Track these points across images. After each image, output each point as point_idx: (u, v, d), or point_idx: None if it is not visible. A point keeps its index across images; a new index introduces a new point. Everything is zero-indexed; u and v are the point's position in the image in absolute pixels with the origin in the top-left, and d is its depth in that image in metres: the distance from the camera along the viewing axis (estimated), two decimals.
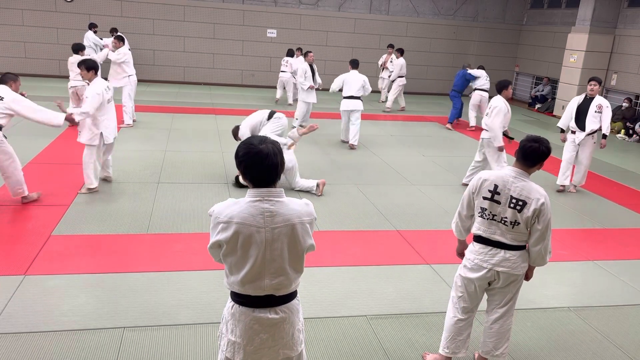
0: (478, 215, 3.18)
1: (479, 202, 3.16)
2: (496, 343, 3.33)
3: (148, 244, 4.98)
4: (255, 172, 2.20)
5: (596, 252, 5.50)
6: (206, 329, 3.67)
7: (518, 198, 3.04)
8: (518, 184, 3.07)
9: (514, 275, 3.15)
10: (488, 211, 3.12)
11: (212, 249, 2.28)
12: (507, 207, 3.06)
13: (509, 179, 3.09)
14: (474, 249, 3.23)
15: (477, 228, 3.20)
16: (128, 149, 8.16)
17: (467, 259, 3.26)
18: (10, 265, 4.35)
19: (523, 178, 3.09)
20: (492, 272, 3.14)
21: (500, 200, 3.08)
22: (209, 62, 15.71)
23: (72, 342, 3.43)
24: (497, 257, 3.12)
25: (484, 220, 3.15)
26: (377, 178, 7.60)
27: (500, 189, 3.09)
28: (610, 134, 12.62)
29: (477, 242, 3.21)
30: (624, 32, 13.24)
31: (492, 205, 3.10)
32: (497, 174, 3.15)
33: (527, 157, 3.09)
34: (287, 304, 2.33)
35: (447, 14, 16.92)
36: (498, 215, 3.09)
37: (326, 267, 4.71)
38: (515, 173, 3.10)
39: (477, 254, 3.19)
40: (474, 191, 3.19)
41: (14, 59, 14.31)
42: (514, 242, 3.09)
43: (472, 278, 3.20)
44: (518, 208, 3.03)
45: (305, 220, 2.27)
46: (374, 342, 3.67)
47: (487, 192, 3.12)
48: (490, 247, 3.14)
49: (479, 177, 3.19)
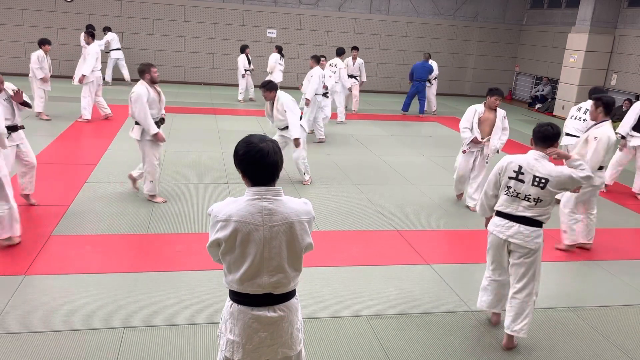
0: (504, 193, 3.64)
1: (505, 182, 3.62)
2: (514, 317, 3.62)
3: (148, 244, 4.98)
4: (255, 170, 2.20)
5: (596, 252, 5.49)
6: (206, 329, 3.67)
7: (541, 177, 3.49)
8: (540, 164, 3.52)
9: (527, 249, 3.53)
10: (512, 189, 3.56)
11: (210, 247, 2.28)
12: (530, 186, 3.50)
13: (532, 161, 3.55)
14: (495, 221, 3.70)
15: (500, 204, 3.66)
16: (128, 149, 8.16)
17: (489, 229, 3.77)
18: (10, 265, 4.35)
19: (543, 159, 3.55)
20: (507, 243, 3.60)
21: (524, 180, 3.52)
22: (209, 62, 15.71)
23: (72, 342, 3.43)
24: (512, 230, 3.55)
25: (508, 197, 3.59)
26: (377, 178, 7.60)
27: (524, 169, 3.54)
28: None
29: (498, 216, 3.68)
30: (624, 32, 13.24)
31: (517, 184, 3.54)
32: (521, 157, 3.61)
33: (545, 139, 3.57)
34: (285, 302, 2.33)
35: (447, 14, 16.92)
36: (522, 193, 3.53)
37: (326, 267, 4.71)
38: (537, 155, 3.56)
39: (495, 225, 3.67)
40: (501, 172, 3.65)
41: (14, 59, 14.30)
42: (536, 217, 3.52)
43: (494, 245, 3.70)
44: (542, 185, 3.48)
45: (304, 219, 2.27)
46: (374, 342, 3.67)
47: (512, 172, 3.58)
48: (507, 220, 3.58)
49: (505, 159, 3.66)
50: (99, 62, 9.96)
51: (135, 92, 5.58)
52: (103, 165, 7.23)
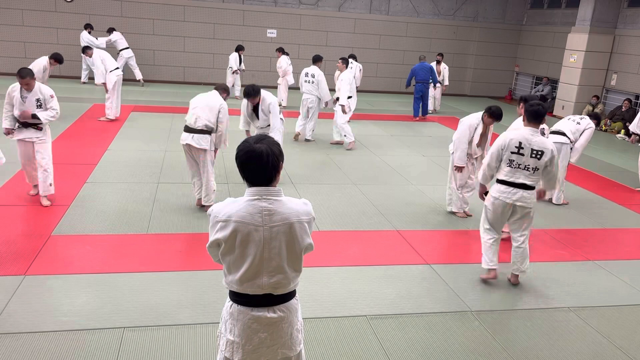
0: (506, 165, 4.28)
1: (508, 156, 4.26)
2: (522, 261, 4.50)
3: (148, 244, 4.98)
4: (250, 171, 2.20)
5: (596, 252, 5.50)
6: (206, 329, 3.67)
7: (537, 149, 4.18)
8: (536, 139, 4.20)
9: (528, 209, 4.33)
10: (515, 162, 4.25)
11: (210, 247, 2.28)
12: (529, 157, 4.20)
13: (529, 137, 4.21)
14: (499, 188, 4.35)
15: (504, 174, 4.31)
16: (128, 148, 8.17)
17: (493, 195, 4.39)
18: (10, 265, 4.35)
19: (537, 134, 4.22)
20: (512, 206, 4.31)
21: (524, 153, 4.21)
22: (209, 62, 15.71)
23: (72, 342, 3.43)
24: (517, 195, 4.28)
25: (511, 168, 4.27)
26: (377, 178, 7.60)
27: (523, 144, 4.20)
28: (610, 134, 12.63)
29: (502, 184, 4.33)
30: (624, 32, 13.24)
31: (519, 157, 4.23)
32: (519, 134, 4.24)
33: (537, 116, 4.21)
34: (285, 303, 2.33)
35: (447, 14, 16.92)
36: (522, 164, 4.23)
37: (326, 267, 4.71)
38: (532, 131, 4.22)
39: (501, 192, 4.33)
40: (504, 148, 4.28)
41: (14, 59, 14.29)
42: (532, 183, 4.27)
43: (499, 207, 4.36)
44: (538, 157, 4.19)
45: (304, 220, 2.27)
46: (374, 342, 3.67)
47: (514, 148, 4.23)
48: (512, 187, 4.28)
49: (506, 136, 4.28)
50: (112, 62, 9.90)
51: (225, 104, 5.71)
52: (103, 165, 7.23)
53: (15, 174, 6.51)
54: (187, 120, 5.65)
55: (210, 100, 5.61)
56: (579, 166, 8.70)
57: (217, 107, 5.58)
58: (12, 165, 6.75)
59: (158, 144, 8.55)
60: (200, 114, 5.56)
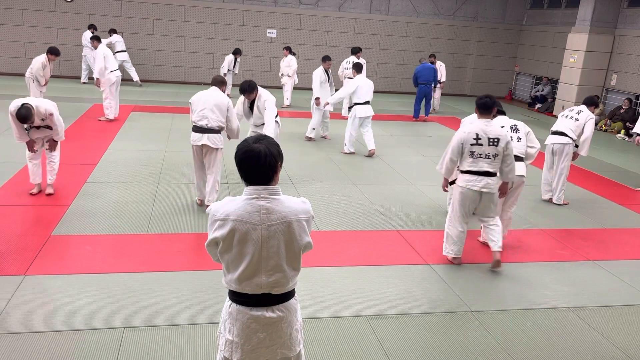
0: (469, 157, 4.61)
1: (469, 148, 4.59)
2: (498, 239, 4.78)
3: (148, 244, 4.98)
4: (247, 170, 2.21)
5: (596, 252, 5.50)
6: (206, 329, 3.67)
7: (493, 137, 4.56)
8: (490, 128, 4.59)
9: (492, 194, 4.69)
10: (477, 152, 4.58)
11: (209, 246, 2.29)
12: (487, 146, 4.56)
13: (484, 127, 4.59)
14: (465, 178, 4.67)
15: (468, 165, 4.63)
16: (128, 148, 8.16)
17: (460, 186, 4.70)
18: (10, 265, 4.35)
19: (490, 124, 4.62)
20: (479, 193, 4.63)
21: (483, 143, 4.56)
22: (209, 62, 15.71)
23: (72, 342, 3.43)
24: (483, 182, 4.62)
25: (474, 159, 4.60)
26: (377, 178, 7.60)
27: (480, 135, 4.57)
28: (610, 134, 12.63)
29: (467, 174, 4.65)
30: (624, 32, 13.24)
31: (479, 147, 4.58)
32: (474, 127, 4.60)
33: (487, 108, 4.63)
34: (284, 303, 2.33)
35: (447, 14, 16.92)
36: (483, 153, 4.58)
37: (326, 267, 4.71)
38: (485, 122, 4.62)
39: (468, 181, 4.65)
40: (463, 142, 4.61)
41: (14, 59, 14.30)
42: (495, 170, 4.62)
43: (467, 196, 4.68)
44: (495, 144, 4.56)
45: (302, 218, 2.27)
46: (374, 342, 3.67)
47: (472, 140, 4.58)
48: (477, 175, 4.61)
49: (464, 131, 4.61)
50: (113, 62, 9.90)
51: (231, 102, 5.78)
52: (103, 165, 7.23)
53: (15, 174, 6.51)
54: (196, 121, 5.62)
55: (217, 100, 5.62)
56: (579, 166, 8.70)
57: (225, 106, 5.66)
58: (12, 165, 6.76)
59: (158, 144, 8.55)
60: (210, 115, 5.58)
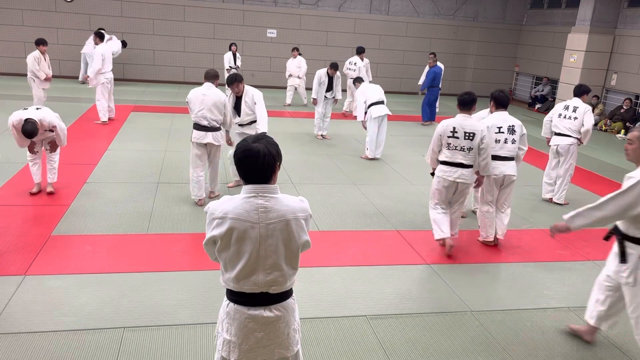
0: (445, 148, 4.91)
1: (445, 140, 4.88)
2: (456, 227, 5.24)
3: (148, 244, 4.98)
4: (246, 169, 2.22)
5: (596, 252, 5.49)
6: (206, 329, 3.67)
7: (469, 132, 4.81)
8: (467, 123, 4.84)
9: (467, 184, 4.99)
10: (452, 144, 4.85)
11: (207, 245, 2.29)
12: (463, 140, 4.82)
13: (461, 121, 4.85)
14: (442, 168, 4.98)
15: (445, 156, 4.93)
16: (128, 148, 8.16)
17: (437, 175, 5.02)
18: (10, 265, 4.35)
19: (468, 119, 4.87)
20: (454, 183, 4.94)
21: (459, 136, 4.83)
22: (209, 62, 15.69)
23: (72, 342, 3.43)
24: (457, 173, 4.90)
25: (450, 150, 4.89)
26: (377, 178, 7.60)
27: (457, 129, 4.82)
28: (610, 134, 12.63)
29: (444, 165, 4.96)
30: (624, 32, 13.24)
31: (454, 140, 4.84)
32: (452, 121, 4.87)
33: (467, 104, 4.88)
34: (282, 302, 2.33)
35: (447, 14, 16.92)
36: (458, 145, 4.84)
37: (326, 267, 4.71)
38: (463, 117, 4.88)
39: (444, 172, 4.96)
40: (442, 134, 4.89)
41: (14, 59, 14.30)
42: (469, 162, 4.88)
43: (444, 185, 4.99)
44: (470, 138, 4.82)
45: (300, 217, 2.27)
46: (374, 342, 3.67)
47: (449, 133, 4.85)
48: (452, 167, 4.90)
49: (443, 124, 4.88)
50: (109, 64, 9.83)
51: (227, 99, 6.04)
52: (103, 165, 7.23)
53: (15, 174, 6.51)
54: (198, 120, 5.82)
55: (214, 99, 5.83)
56: (579, 166, 8.70)
57: (222, 103, 5.89)
58: (12, 165, 6.76)
59: (158, 144, 8.55)
60: (208, 115, 5.80)
